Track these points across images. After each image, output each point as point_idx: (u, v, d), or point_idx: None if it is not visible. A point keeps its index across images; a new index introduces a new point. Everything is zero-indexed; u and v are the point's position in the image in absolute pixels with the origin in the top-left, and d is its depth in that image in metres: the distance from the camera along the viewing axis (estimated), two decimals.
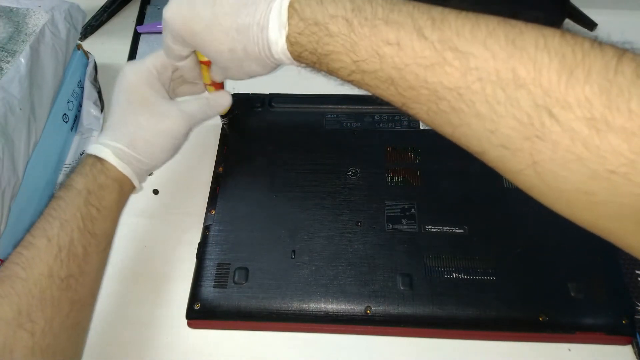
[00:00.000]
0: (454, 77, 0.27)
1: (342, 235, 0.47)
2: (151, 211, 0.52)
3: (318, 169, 0.52)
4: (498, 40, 0.26)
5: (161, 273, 0.48)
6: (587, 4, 0.66)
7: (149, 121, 0.43)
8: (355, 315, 0.43)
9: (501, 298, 0.43)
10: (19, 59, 0.48)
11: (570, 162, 0.24)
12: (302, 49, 0.33)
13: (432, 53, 0.27)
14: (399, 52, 0.29)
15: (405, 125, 0.55)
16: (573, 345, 0.43)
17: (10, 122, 0.45)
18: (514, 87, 0.25)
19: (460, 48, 0.27)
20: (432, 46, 0.27)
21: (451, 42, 0.27)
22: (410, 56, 0.28)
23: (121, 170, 0.42)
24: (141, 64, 0.44)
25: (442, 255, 0.45)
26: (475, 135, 0.27)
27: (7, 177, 0.44)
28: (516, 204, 0.48)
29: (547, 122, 0.24)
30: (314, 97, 0.58)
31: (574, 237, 0.46)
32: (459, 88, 0.27)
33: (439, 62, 0.27)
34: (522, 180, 0.27)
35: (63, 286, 0.36)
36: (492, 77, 0.26)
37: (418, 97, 0.29)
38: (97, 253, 0.40)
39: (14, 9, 0.52)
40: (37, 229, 0.37)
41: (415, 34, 0.28)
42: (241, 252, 0.47)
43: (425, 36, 0.28)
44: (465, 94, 0.27)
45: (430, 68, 0.28)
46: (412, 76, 0.28)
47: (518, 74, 0.25)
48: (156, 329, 0.45)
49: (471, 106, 0.27)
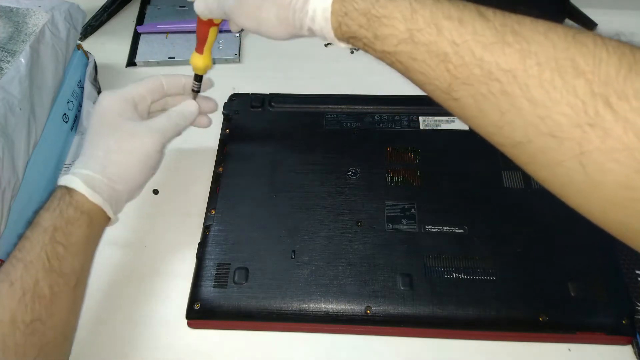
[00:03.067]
0: (513, 58, 0.27)
1: (342, 235, 0.47)
2: (151, 211, 0.52)
3: (318, 169, 0.52)
4: (557, 33, 0.26)
5: (161, 273, 0.48)
6: (587, 4, 0.66)
7: (118, 142, 0.42)
8: (355, 315, 0.43)
9: (501, 298, 0.43)
10: (19, 59, 0.48)
11: (618, 152, 0.24)
12: (353, 7, 0.32)
13: (493, 32, 0.27)
14: (459, 28, 0.28)
15: (405, 125, 0.55)
16: (573, 345, 0.43)
17: (10, 122, 0.45)
18: (572, 75, 0.25)
19: (521, 33, 0.27)
20: (494, 27, 0.28)
21: (512, 27, 0.27)
22: (469, 32, 0.28)
23: (92, 199, 0.39)
24: (116, 92, 0.44)
25: (442, 255, 0.45)
26: (523, 122, 0.27)
27: (7, 177, 0.44)
28: (516, 204, 0.49)
29: (602, 110, 0.24)
30: (314, 97, 0.58)
31: (574, 237, 0.46)
32: (515, 70, 0.27)
33: (498, 42, 0.27)
34: (560, 174, 0.27)
35: (28, 331, 0.34)
36: (552, 63, 0.26)
37: (469, 76, 0.28)
38: (66, 292, 0.38)
39: (14, 9, 0.52)
40: (0, 273, 0.36)
41: (477, 14, 0.28)
42: (241, 252, 0.47)
43: (487, 18, 0.28)
44: (521, 76, 0.26)
45: (488, 47, 0.27)
46: (468, 53, 0.28)
47: (577, 63, 0.25)
48: (156, 329, 0.45)
49: (525, 90, 0.26)
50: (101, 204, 0.40)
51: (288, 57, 0.66)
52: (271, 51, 0.67)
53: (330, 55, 0.67)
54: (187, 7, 0.71)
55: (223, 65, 0.66)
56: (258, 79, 0.63)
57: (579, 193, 0.27)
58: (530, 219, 0.47)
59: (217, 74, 0.64)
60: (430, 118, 0.56)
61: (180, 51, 0.66)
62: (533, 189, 0.49)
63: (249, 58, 0.66)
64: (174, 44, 0.67)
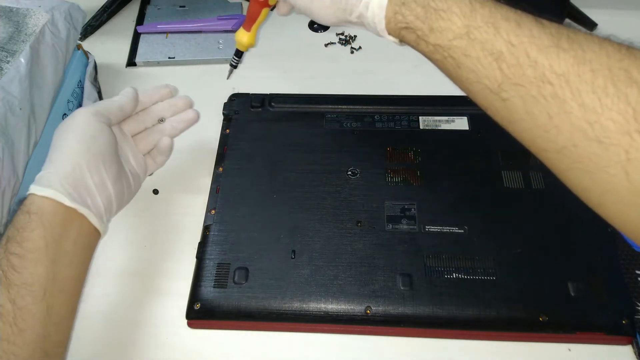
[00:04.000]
0: (567, 63, 0.27)
1: (342, 235, 0.47)
2: (151, 211, 0.52)
3: (318, 169, 0.52)
4: (612, 45, 0.27)
5: (161, 273, 0.48)
6: (587, 4, 0.66)
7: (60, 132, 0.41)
8: (355, 315, 0.43)
9: (501, 298, 0.43)
10: (19, 59, 0.48)
11: None
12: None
13: (549, 37, 0.28)
14: (516, 29, 0.29)
15: (405, 125, 0.55)
16: (573, 345, 0.43)
17: (10, 122, 0.45)
18: (625, 84, 0.26)
19: (576, 40, 0.28)
20: (550, 32, 0.28)
21: (567, 34, 0.28)
22: (526, 35, 0.29)
23: (40, 193, 0.36)
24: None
25: (442, 255, 0.45)
26: (571, 126, 0.27)
27: (7, 177, 0.44)
28: (516, 204, 0.49)
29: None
30: (314, 97, 0.58)
31: (574, 237, 0.46)
32: (568, 74, 0.27)
33: (554, 46, 0.28)
34: (602, 181, 0.27)
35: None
36: (605, 71, 0.26)
37: (521, 77, 0.29)
38: (34, 304, 0.34)
39: (14, 9, 0.52)
40: None
41: (533, 19, 0.29)
42: (241, 252, 0.47)
43: (543, 24, 0.29)
44: (574, 81, 0.27)
45: (544, 50, 0.28)
46: (523, 54, 0.28)
47: (631, 73, 0.26)
48: (156, 329, 0.45)
49: (576, 95, 0.27)
50: (52, 195, 0.37)
51: (288, 57, 0.66)
52: (271, 51, 0.67)
53: (330, 55, 0.67)
54: (187, 7, 0.72)
55: (223, 65, 0.66)
56: (258, 79, 0.63)
57: (619, 201, 0.27)
58: (530, 219, 0.47)
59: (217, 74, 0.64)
60: (430, 118, 0.56)
61: (180, 51, 0.66)
62: (533, 189, 0.49)
63: (249, 58, 0.66)
64: (174, 44, 0.67)
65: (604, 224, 0.47)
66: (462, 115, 0.55)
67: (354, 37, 0.68)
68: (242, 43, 0.51)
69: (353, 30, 0.69)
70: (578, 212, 0.48)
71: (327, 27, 0.70)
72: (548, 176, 0.50)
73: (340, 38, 0.68)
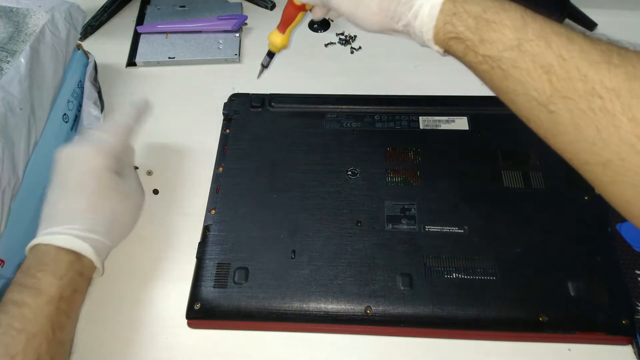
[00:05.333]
0: (618, 78, 0.27)
1: (342, 235, 0.47)
2: (151, 211, 0.52)
3: (318, 169, 0.52)
4: None
5: (161, 273, 0.48)
6: (587, 4, 0.66)
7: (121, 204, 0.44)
8: (355, 315, 0.43)
9: (501, 298, 0.43)
10: (19, 59, 0.48)
11: None
12: (463, 9, 0.32)
13: (599, 53, 0.28)
14: (567, 45, 0.29)
15: (405, 125, 0.55)
16: (573, 345, 0.43)
17: (10, 122, 0.45)
18: None
19: (627, 57, 0.28)
20: (600, 48, 0.29)
21: (618, 51, 0.28)
22: (577, 50, 0.29)
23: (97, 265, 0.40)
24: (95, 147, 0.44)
25: (442, 255, 0.45)
26: (619, 140, 0.28)
27: (7, 177, 0.44)
28: (516, 204, 0.49)
29: None
30: (314, 97, 0.58)
31: (574, 237, 0.46)
32: (619, 89, 0.27)
33: (604, 62, 0.28)
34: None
35: None
36: None
37: (570, 90, 0.29)
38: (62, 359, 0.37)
39: (14, 9, 0.52)
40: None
41: (583, 38, 0.29)
42: (241, 252, 0.47)
43: (594, 41, 0.29)
44: (625, 96, 0.27)
45: (594, 65, 0.28)
46: (574, 69, 0.29)
47: None
48: (156, 329, 0.45)
49: (627, 109, 0.27)
50: (99, 265, 0.41)
51: (288, 57, 0.66)
52: None
53: (330, 55, 0.67)
54: (187, 7, 0.72)
55: (223, 65, 0.66)
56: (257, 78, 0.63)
57: None
58: (530, 219, 0.47)
59: (217, 74, 0.64)
60: (430, 118, 0.56)
61: (180, 51, 0.66)
62: (533, 188, 0.49)
63: (249, 58, 0.66)
64: (174, 44, 0.67)
65: (604, 224, 0.47)
66: (462, 115, 0.55)
67: (354, 37, 0.68)
68: (275, 44, 0.51)
69: (353, 30, 0.69)
70: (578, 212, 0.48)
71: (327, 27, 0.70)
72: (548, 176, 0.50)
73: (340, 38, 0.68)
